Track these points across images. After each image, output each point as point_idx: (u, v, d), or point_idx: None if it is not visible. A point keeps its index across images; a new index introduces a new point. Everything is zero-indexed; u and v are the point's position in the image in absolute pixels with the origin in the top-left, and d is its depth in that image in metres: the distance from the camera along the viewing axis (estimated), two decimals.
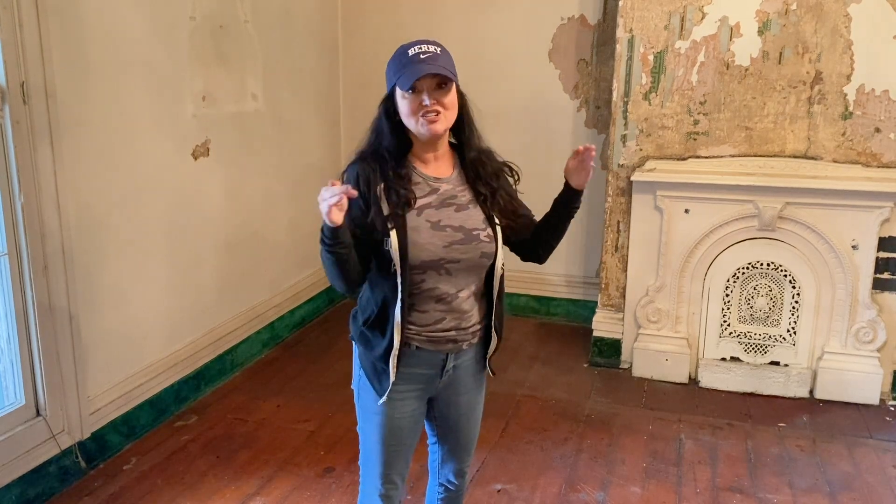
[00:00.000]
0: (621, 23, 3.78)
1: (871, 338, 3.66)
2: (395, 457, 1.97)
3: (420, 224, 1.80)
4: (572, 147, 4.59)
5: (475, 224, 1.84)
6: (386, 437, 1.94)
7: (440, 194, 1.85)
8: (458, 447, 2.09)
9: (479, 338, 1.94)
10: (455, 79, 1.79)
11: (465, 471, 2.15)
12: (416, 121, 1.77)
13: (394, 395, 1.90)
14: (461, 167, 1.91)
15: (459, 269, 1.83)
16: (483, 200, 1.88)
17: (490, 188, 1.89)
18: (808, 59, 3.58)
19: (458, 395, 2.00)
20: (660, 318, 3.93)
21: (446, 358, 1.90)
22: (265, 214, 4.18)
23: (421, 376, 1.91)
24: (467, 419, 2.06)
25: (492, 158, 1.95)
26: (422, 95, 1.75)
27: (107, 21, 2.98)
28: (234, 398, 3.70)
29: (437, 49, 1.78)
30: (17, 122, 2.59)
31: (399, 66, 1.77)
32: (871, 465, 3.16)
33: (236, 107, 3.88)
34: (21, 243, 2.67)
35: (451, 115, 1.81)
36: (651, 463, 3.17)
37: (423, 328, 1.86)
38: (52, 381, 2.83)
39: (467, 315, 1.88)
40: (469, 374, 1.99)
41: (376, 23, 4.84)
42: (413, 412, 1.95)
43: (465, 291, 1.86)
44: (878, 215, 3.55)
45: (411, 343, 1.86)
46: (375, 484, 2.00)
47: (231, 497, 2.89)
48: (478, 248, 1.84)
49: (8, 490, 2.68)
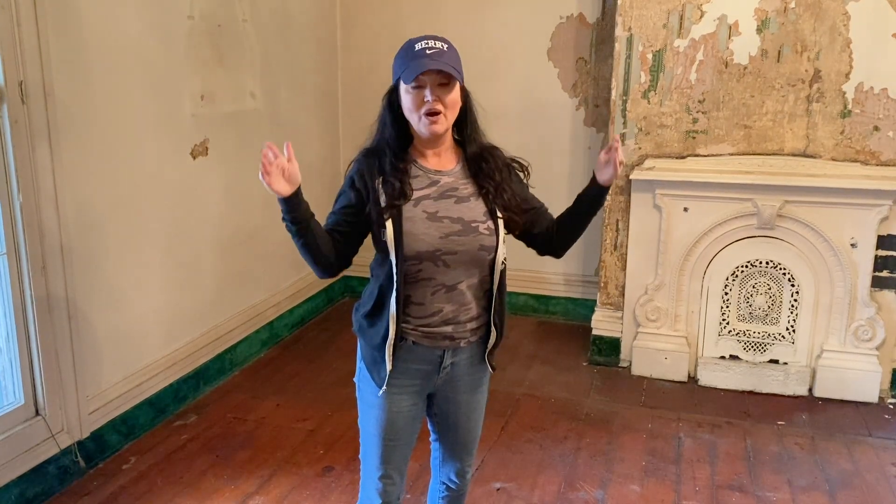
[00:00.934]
0: (620, 21, 3.78)
1: (870, 336, 3.66)
2: (392, 451, 1.97)
3: (416, 214, 1.80)
4: (571, 145, 4.61)
5: (475, 216, 1.84)
6: (383, 430, 1.94)
7: (440, 186, 1.85)
8: (458, 446, 2.09)
9: (478, 336, 1.94)
10: (460, 77, 1.79)
11: (467, 470, 2.14)
12: (417, 117, 1.78)
13: (392, 388, 1.90)
14: (465, 161, 1.91)
15: (457, 261, 1.82)
16: (486, 194, 1.87)
17: (494, 182, 1.88)
18: (806, 58, 3.58)
19: (456, 393, 2.00)
20: (659, 316, 3.93)
21: (443, 355, 1.90)
22: (264, 213, 4.18)
23: (418, 372, 1.91)
24: (467, 418, 2.05)
25: (496, 155, 1.94)
26: (424, 91, 1.75)
27: (105, 20, 2.98)
28: (233, 397, 3.70)
29: (444, 46, 1.78)
30: (16, 121, 2.59)
31: (405, 60, 1.78)
32: (870, 463, 3.17)
33: (235, 106, 3.87)
34: (20, 243, 2.67)
35: (452, 115, 1.82)
36: (650, 461, 3.17)
37: (420, 322, 1.85)
38: (52, 380, 2.83)
39: (466, 307, 1.88)
40: (468, 373, 1.99)
41: (374, 21, 4.84)
42: (411, 407, 1.95)
43: (463, 284, 1.86)
44: (876, 213, 3.55)
45: (408, 337, 1.86)
46: (373, 478, 2.01)
47: (230, 496, 2.89)
48: (476, 240, 1.83)
49: (7, 489, 2.68)
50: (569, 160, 4.61)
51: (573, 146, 4.60)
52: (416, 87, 1.76)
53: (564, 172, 4.62)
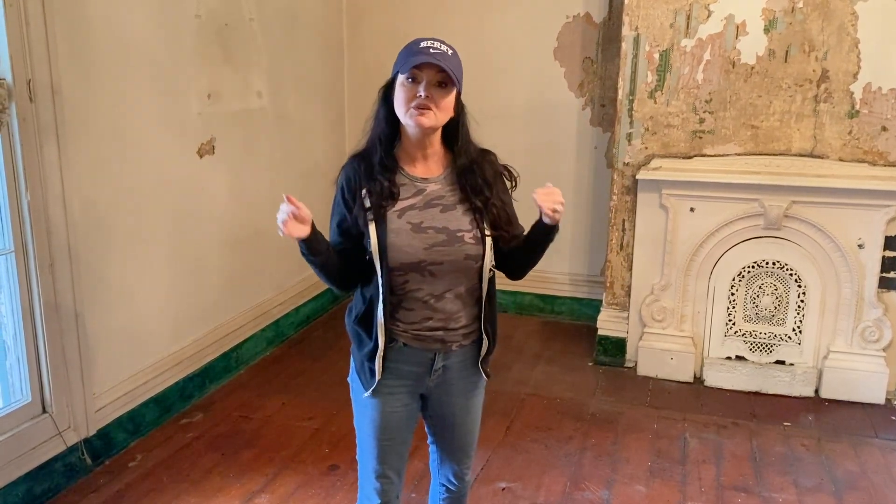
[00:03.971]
0: (627, 21, 3.78)
1: (877, 337, 3.65)
2: (387, 451, 1.97)
3: (400, 226, 1.79)
4: (577, 145, 4.61)
5: (460, 225, 1.81)
6: (378, 431, 1.94)
7: (426, 195, 1.83)
8: (454, 449, 2.08)
9: (470, 340, 1.92)
10: (458, 83, 1.76)
11: (465, 472, 2.13)
12: (405, 110, 1.75)
13: (384, 389, 1.90)
14: (453, 167, 1.87)
15: (443, 271, 1.80)
16: (476, 212, 1.83)
17: (483, 198, 1.84)
18: (814, 58, 3.57)
19: (450, 396, 1.98)
20: (665, 316, 3.93)
21: (434, 357, 1.89)
22: (270, 212, 4.15)
23: (409, 373, 1.90)
24: (462, 421, 2.03)
25: (489, 162, 1.89)
26: (419, 86, 1.73)
27: (112, 19, 2.99)
28: (239, 396, 3.71)
29: (449, 50, 1.77)
30: (24, 119, 2.60)
31: (407, 55, 1.77)
32: (876, 464, 3.16)
33: (241, 104, 3.88)
34: (27, 240, 2.68)
35: (443, 116, 1.78)
36: (656, 462, 3.17)
37: (410, 326, 1.85)
38: (58, 378, 2.84)
39: (455, 316, 1.86)
40: (461, 377, 1.96)
41: (381, 21, 4.84)
42: (405, 407, 1.94)
43: (451, 293, 1.84)
44: (884, 214, 3.53)
45: (398, 339, 1.86)
46: (370, 478, 2.00)
47: (236, 494, 2.89)
48: (462, 249, 1.81)
49: (14, 486, 2.69)
50: (575, 160, 4.61)
51: (579, 146, 4.60)
52: (412, 81, 1.73)
53: (570, 172, 4.61)
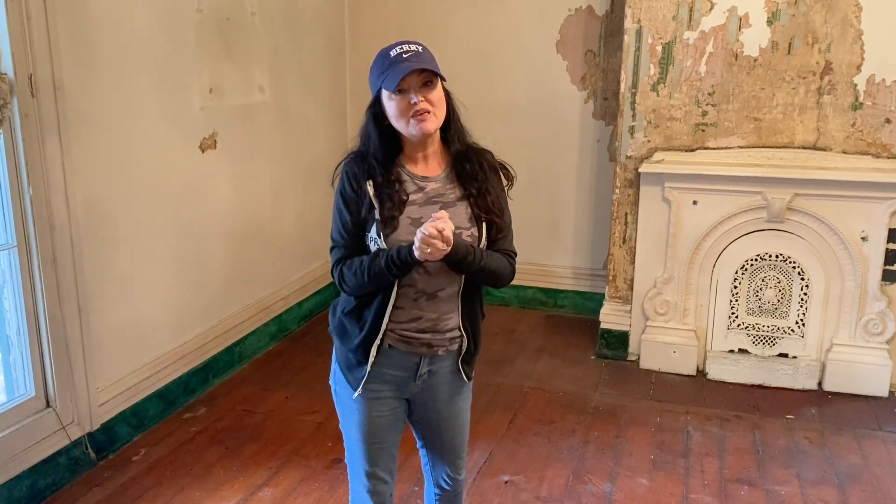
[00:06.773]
0: (629, 13, 3.76)
1: (881, 330, 3.64)
2: (378, 454, 1.97)
3: (400, 221, 1.79)
4: (580, 139, 4.60)
5: (459, 222, 1.80)
6: (366, 434, 1.94)
7: (426, 192, 1.83)
8: (444, 452, 2.07)
9: (457, 345, 1.91)
10: (440, 75, 1.76)
11: (458, 474, 2.12)
12: (405, 122, 1.75)
13: (369, 393, 1.90)
14: (451, 165, 1.87)
15: (439, 269, 1.80)
16: (469, 197, 1.84)
17: (476, 183, 1.85)
18: (817, 50, 3.56)
19: (435, 402, 1.98)
20: (667, 310, 3.92)
21: (420, 362, 1.89)
22: (272, 207, 4.19)
23: (394, 377, 1.90)
24: (449, 426, 2.03)
25: (484, 158, 1.90)
26: (409, 95, 1.73)
27: (114, 14, 2.99)
28: (242, 390, 3.72)
29: (419, 48, 1.77)
30: (26, 114, 2.60)
31: (383, 69, 1.75)
32: (879, 457, 3.15)
33: (243, 99, 3.88)
34: (30, 236, 2.69)
35: (441, 112, 1.79)
36: (658, 455, 3.17)
37: (398, 325, 1.84)
38: (62, 372, 2.85)
39: (446, 316, 1.86)
40: (446, 383, 1.96)
41: (383, 14, 4.83)
42: (392, 410, 1.94)
43: (443, 292, 1.84)
44: (887, 206, 3.52)
45: (385, 340, 1.85)
46: (363, 480, 2.00)
47: (239, 488, 2.90)
48: None
49: (18, 481, 2.70)
50: (577, 153, 4.60)
51: (582, 139, 4.59)
52: (400, 93, 1.73)
53: (573, 166, 4.60)
